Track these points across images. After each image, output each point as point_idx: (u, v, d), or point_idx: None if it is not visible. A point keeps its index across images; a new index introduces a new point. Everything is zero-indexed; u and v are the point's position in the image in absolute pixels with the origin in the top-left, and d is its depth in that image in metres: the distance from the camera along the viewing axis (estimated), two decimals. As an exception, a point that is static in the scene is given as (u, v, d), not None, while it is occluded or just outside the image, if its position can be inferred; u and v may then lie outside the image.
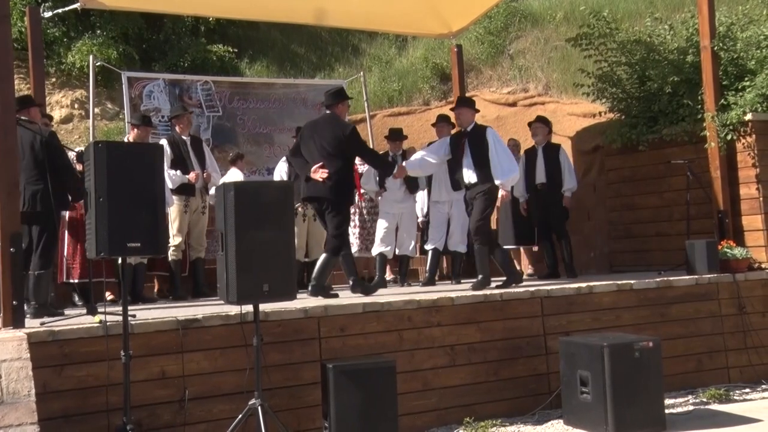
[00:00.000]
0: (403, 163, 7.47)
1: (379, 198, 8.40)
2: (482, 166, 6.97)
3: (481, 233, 6.95)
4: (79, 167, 7.24)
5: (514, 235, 9.12)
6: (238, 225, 4.50)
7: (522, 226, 9.02)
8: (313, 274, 6.65)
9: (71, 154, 7.46)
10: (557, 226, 8.54)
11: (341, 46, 15.56)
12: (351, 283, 6.73)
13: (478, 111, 7.47)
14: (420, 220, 9.04)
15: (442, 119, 8.49)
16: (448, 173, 7.48)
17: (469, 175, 7.05)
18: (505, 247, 9.27)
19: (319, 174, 6.53)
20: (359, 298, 6.15)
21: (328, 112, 6.87)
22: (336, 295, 6.53)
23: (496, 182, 6.93)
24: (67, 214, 7.32)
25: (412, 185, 8.25)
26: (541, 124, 8.81)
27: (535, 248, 9.14)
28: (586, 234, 9.58)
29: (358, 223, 8.71)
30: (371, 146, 9.90)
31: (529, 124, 8.97)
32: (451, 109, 7.67)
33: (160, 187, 4.67)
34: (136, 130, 7.55)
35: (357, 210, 8.68)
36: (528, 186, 8.73)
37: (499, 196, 7.02)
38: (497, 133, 7.23)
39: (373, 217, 8.65)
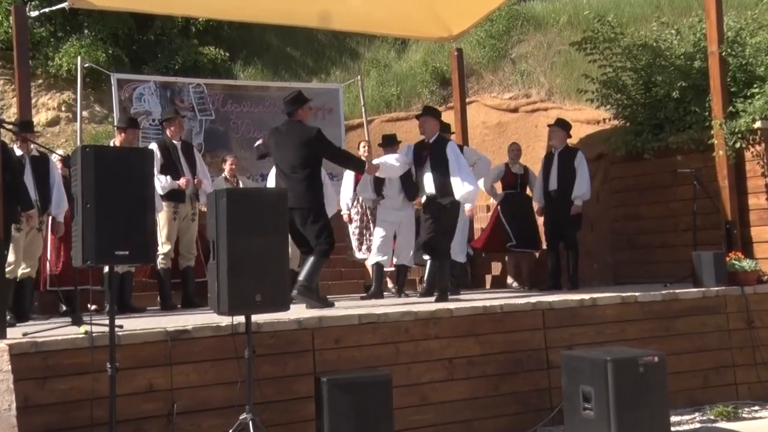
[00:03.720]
0: (374, 161, 7.51)
1: (378, 206, 8.38)
2: (442, 180, 7.14)
3: (433, 247, 7.13)
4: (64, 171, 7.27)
5: (513, 238, 9.16)
6: (230, 233, 4.49)
7: (527, 232, 9.06)
8: (301, 275, 6.58)
9: (54, 157, 7.47)
10: (566, 235, 8.47)
11: (338, 50, 15.59)
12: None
13: (446, 125, 7.71)
14: None
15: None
16: (404, 181, 7.60)
17: (429, 187, 7.20)
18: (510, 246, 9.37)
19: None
20: (356, 309, 6.13)
21: (288, 118, 6.92)
22: (332, 304, 6.52)
23: (456, 197, 7.09)
24: (50, 219, 7.30)
25: (411, 192, 8.25)
26: (559, 128, 8.68)
27: (537, 254, 9.18)
28: (589, 244, 9.56)
29: (358, 224, 8.71)
30: (371, 152, 9.92)
31: (549, 127, 8.93)
32: (416, 116, 7.67)
33: (149, 193, 4.66)
34: (122, 133, 7.53)
35: (359, 213, 8.69)
36: (544, 193, 8.67)
37: (466, 209, 7.21)
38: (457, 148, 7.40)
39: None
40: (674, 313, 6.85)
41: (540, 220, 9.02)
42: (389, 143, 8.57)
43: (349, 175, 8.77)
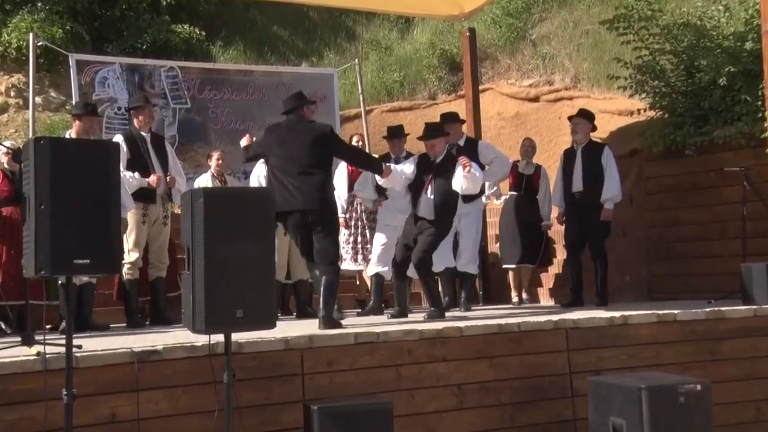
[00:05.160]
0: (392, 166, 7.52)
1: (379, 207, 8.38)
2: (444, 200, 7.23)
3: (423, 264, 7.22)
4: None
5: (519, 252, 9.20)
6: (207, 239, 4.48)
7: (528, 242, 9.16)
8: (321, 304, 6.58)
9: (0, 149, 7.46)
10: (594, 243, 8.44)
11: (332, 29, 15.63)
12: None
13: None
14: None
15: (449, 118, 8.44)
16: (412, 195, 7.57)
17: (427, 211, 7.24)
18: (505, 266, 9.44)
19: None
20: (350, 328, 6.14)
21: (292, 115, 7.00)
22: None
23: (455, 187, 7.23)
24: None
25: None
26: (583, 119, 8.62)
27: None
28: (621, 254, 9.58)
29: (353, 231, 8.72)
30: (367, 147, 9.92)
31: (570, 119, 8.89)
32: (419, 138, 7.67)
33: (114, 193, 4.66)
34: (78, 121, 7.51)
35: (354, 218, 8.70)
36: (565, 194, 8.63)
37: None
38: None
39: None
40: (720, 334, 6.83)
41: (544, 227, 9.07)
42: (395, 136, 8.57)
43: (341, 171, 8.76)
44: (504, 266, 9.62)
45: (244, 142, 7.41)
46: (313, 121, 7.07)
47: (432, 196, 7.23)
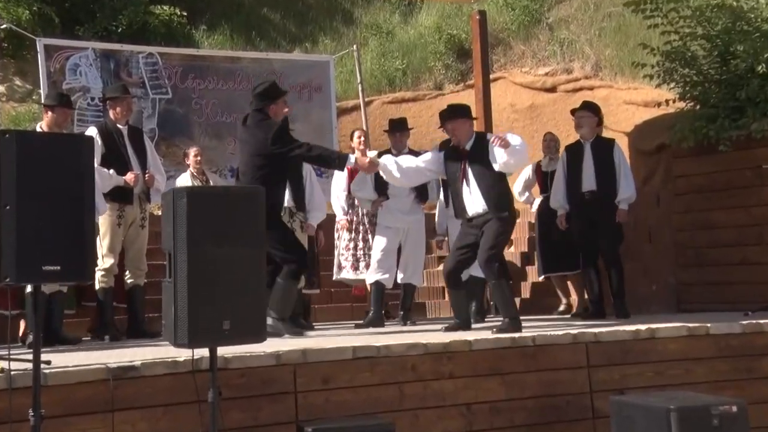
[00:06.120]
0: (380, 159, 7.45)
1: (379, 209, 8.38)
2: (492, 186, 7.13)
3: (492, 265, 7.09)
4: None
5: (556, 259, 9.19)
6: (191, 243, 4.48)
7: (561, 249, 9.12)
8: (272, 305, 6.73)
9: None
10: (607, 248, 8.48)
11: (328, 12, 15.65)
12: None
13: (475, 119, 7.63)
14: (437, 238, 9.05)
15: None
16: (452, 198, 7.59)
17: (475, 206, 7.17)
18: (544, 276, 9.43)
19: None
20: (348, 341, 6.14)
21: (254, 111, 7.13)
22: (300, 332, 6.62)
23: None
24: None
25: (423, 192, 8.25)
26: (588, 112, 8.71)
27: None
28: (646, 261, 9.58)
29: (353, 236, 8.71)
30: (368, 144, 9.94)
31: (573, 113, 8.94)
32: (440, 126, 7.65)
33: (88, 192, 4.66)
34: (51, 113, 7.53)
35: (356, 222, 8.71)
36: (571, 194, 8.68)
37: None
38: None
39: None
40: (757, 350, 6.84)
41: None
42: (398, 129, 8.57)
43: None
44: (543, 276, 9.59)
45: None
46: (265, 120, 7.09)
47: (475, 187, 7.14)
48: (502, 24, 13.65)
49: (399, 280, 8.41)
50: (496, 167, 7.08)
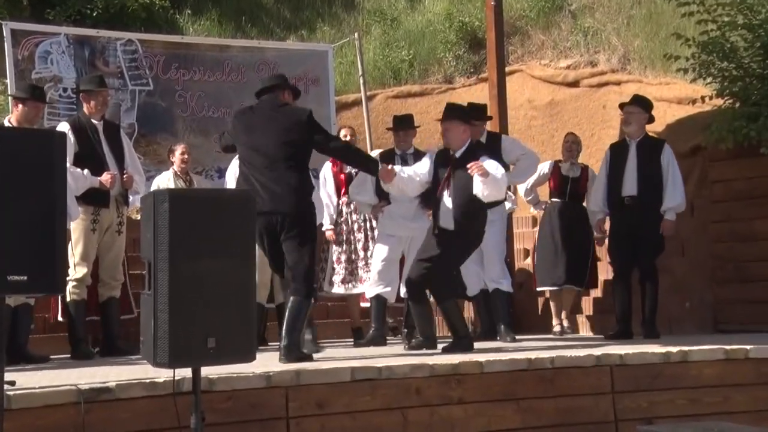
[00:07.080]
0: (395, 168, 7.49)
1: (380, 214, 8.38)
2: (465, 205, 7.19)
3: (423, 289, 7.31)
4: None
5: (563, 271, 9.22)
6: (173, 251, 4.48)
7: (572, 260, 9.19)
8: (284, 331, 6.59)
9: None
10: (645, 261, 8.45)
11: (327, -4, 15.67)
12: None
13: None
14: None
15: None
16: (421, 200, 7.73)
17: (446, 221, 7.25)
18: (543, 288, 9.45)
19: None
20: (346, 362, 6.14)
21: (266, 96, 7.06)
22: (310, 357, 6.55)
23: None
24: None
25: (429, 198, 8.24)
26: (638, 107, 8.65)
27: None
28: (679, 275, 9.58)
29: (344, 248, 8.69)
30: (367, 141, 9.97)
31: (621, 107, 8.89)
32: (440, 120, 7.69)
33: (59, 195, 4.66)
34: (22, 106, 7.54)
35: (345, 231, 8.70)
36: (611, 198, 8.67)
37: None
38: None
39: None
40: (802, 375, 6.84)
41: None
42: (403, 127, 8.56)
43: (327, 171, 8.73)
44: (540, 288, 9.61)
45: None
46: (287, 104, 7.05)
47: (451, 201, 7.21)
48: (519, 11, 13.65)
49: (402, 294, 8.41)
50: (475, 192, 7.13)
